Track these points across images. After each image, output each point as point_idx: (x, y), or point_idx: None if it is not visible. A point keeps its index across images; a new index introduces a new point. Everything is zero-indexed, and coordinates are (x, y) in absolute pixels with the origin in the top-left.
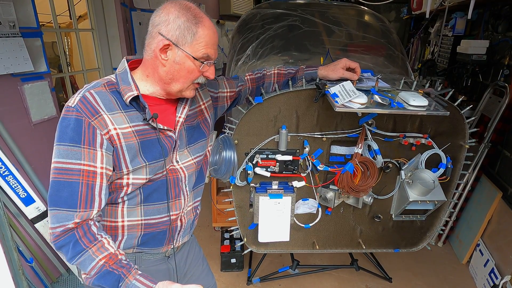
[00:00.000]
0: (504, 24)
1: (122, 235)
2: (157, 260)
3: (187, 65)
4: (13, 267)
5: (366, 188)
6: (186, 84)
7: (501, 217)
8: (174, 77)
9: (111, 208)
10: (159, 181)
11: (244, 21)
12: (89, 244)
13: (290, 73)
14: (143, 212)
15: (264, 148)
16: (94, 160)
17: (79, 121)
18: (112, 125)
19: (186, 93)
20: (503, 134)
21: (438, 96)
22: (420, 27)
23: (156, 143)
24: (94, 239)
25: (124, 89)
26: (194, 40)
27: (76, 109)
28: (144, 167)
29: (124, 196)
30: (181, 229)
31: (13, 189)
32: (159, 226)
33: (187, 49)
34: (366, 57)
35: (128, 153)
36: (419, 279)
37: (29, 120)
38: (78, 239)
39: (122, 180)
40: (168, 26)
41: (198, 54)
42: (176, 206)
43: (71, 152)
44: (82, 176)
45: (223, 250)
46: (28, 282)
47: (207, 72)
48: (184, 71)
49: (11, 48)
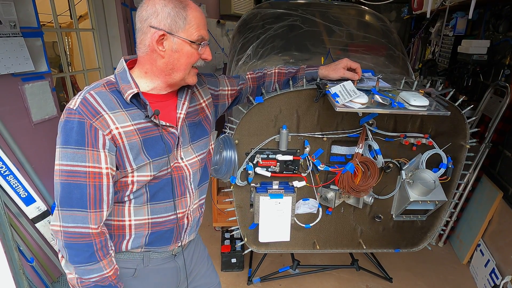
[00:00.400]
0: (505, 24)
1: (129, 234)
2: (164, 259)
3: (185, 50)
4: (13, 267)
5: (366, 188)
6: (187, 70)
7: (501, 217)
8: (175, 66)
9: (117, 207)
10: (164, 179)
11: (244, 21)
12: (103, 258)
13: (291, 72)
14: (150, 210)
15: (265, 148)
16: (99, 162)
17: (81, 124)
18: (114, 124)
19: (189, 79)
20: (504, 134)
21: (439, 96)
22: (420, 27)
23: (159, 140)
24: (107, 253)
25: (124, 87)
26: (187, 24)
27: (78, 112)
28: (148, 164)
29: (130, 194)
30: (187, 227)
31: (14, 188)
32: (166, 224)
33: (182, 34)
34: (367, 57)
35: (131, 152)
36: (420, 279)
37: (29, 120)
38: (95, 251)
39: (127, 178)
40: (158, 17)
41: (193, 37)
42: (182, 204)
43: (77, 155)
44: (88, 178)
45: (223, 250)
46: (29, 282)
47: (204, 54)
48: (184, 58)
49: (11, 48)
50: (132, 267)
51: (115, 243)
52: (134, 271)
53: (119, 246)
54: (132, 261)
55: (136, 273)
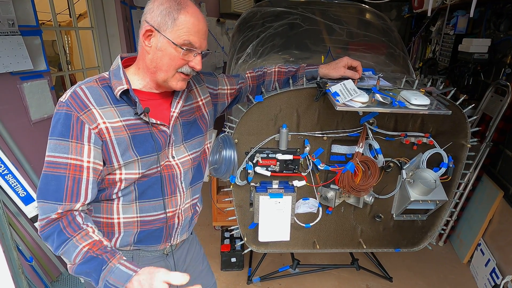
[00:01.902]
0: (506, 22)
1: (118, 232)
2: (155, 258)
3: (168, 51)
4: (12, 266)
5: (367, 187)
6: (169, 72)
7: (502, 216)
8: (158, 65)
9: (106, 205)
10: (153, 177)
11: (244, 20)
12: (73, 233)
13: (291, 71)
14: (139, 209)
15: (265, 147)
16: (81, 154)
17: (68, 116)
18: (102, 119)
19: (172, 83)
20: (504, 134)
21: (440, 95)
22: (421, 25)
23: (149, 138)
24: (78, 228)
25: (115, 83)
26: (175, 25)
27: (66, 104)
28: (136, 161)
29: (119, 192)
30: (178, 227)
31: (13, 188)
32: (155, 223)
33: (168, 34)
34: (367, 56)
35: (118, 147)
36: (420, 279)
37: (28, 119)
38: (62, 228)
39: (115, 176)
40: (152, 13)
41: (179, 41)
42: (172, 203)
43: (60, 146)
44: (68, 170)
45: (223, 249)
46: (28, 281)
47: (192, 62)
48: (166, 58)
49: (10, 47)
50: None
51: None
52: None
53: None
54: None
55: None
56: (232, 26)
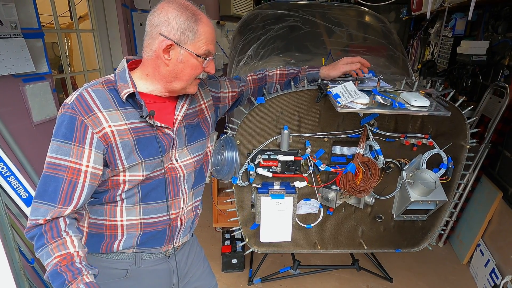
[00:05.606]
0: (504, 24)
1: (121, 234)
2: (157, 260)
3: (190, 63)
4: (14, 268)
5: (367, 188)
6: (189, 81)
7: (501, 217)
8: (177, 76)
9: (110, 207)
10: (157, 180)
11: (245, 22)
12: (50, 240)
13: (292, 73)
14: (142, 211)
15: (266, 148)
16: (81, 158)
17: (73, 119)
18: (107, 122)
19: (189, 89)
20: (503, 135)
21: (439, 96)
22: (420, 28)
23: (153, 141)
24: (57, 236)
25: (121, 86)
26: (196, 38)
27: (72, 107)
28: (140, 164)
29: (122, 194)
30: (181, 229)
31: (15, 189)
32: (158, 225)
33: (189, 47)
34: (367, 58)
35: (123, 150)
36: (420, 279)
37: (30, 121)
38: (43, 232)
39: (119, 177)
40: (168, 26)
41: (200, 51)
42: (175, 205)
43: (62, 148)
44: (67, 172)
45: (224, 251)
46: (30, 283)
47: (208, 67)
48: (188, 69)
49: (12, 49)
50: (124, 268)
51: (107, 243)
52: (126, 272)
53: (110, 246)
54: (123, 261)
55: (128, 274)
56: (232, 28)
